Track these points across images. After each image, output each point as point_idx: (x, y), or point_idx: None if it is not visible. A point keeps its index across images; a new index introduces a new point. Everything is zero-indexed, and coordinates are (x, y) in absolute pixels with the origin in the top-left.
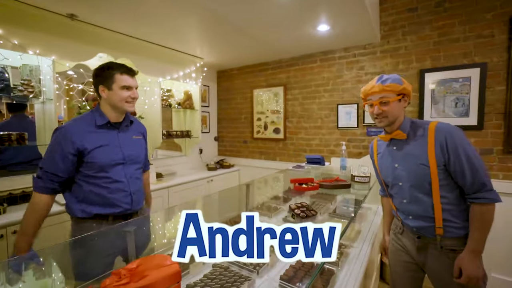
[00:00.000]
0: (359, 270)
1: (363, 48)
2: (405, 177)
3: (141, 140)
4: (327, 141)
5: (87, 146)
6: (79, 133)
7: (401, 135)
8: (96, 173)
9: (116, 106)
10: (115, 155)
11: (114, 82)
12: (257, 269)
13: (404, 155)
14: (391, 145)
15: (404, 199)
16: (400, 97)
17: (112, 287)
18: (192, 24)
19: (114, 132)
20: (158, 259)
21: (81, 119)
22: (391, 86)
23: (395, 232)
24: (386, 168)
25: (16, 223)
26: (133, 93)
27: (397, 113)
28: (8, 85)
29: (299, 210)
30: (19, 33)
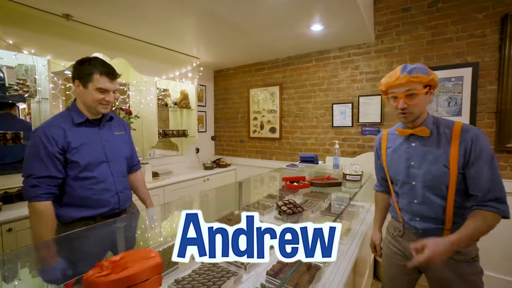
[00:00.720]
0: (346, 266)
1: (357, 47)
2: (420, 176)
3: (124, 136)
4: (322, 140)
5: (69, 144)
6: (59, 132)
7: (424, 132)
8: (81, 173)
9: (88, 106)
10: (98, 153)
11: (90, 81)
12: (244, 265)
13: (423, 154)
14: (409, 141)
15: (414, 200)
16: (427, 89)
17: (94, 278)
18: (188, 25)
19: (95, 130)
20: (142, 253)
21: (57, 118)
22: (418, 77)
23: (393, 235)
24: (399, 165)
25: (11, 221)
26: (108, 96)
27: (423, 108)
28: (3, 84)
29: (286, 207)
30: (14, 33)
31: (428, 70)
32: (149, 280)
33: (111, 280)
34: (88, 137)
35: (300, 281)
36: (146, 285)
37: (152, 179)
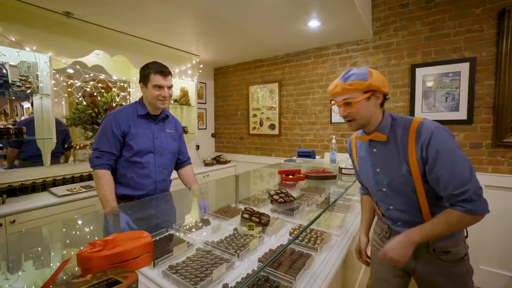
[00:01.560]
0: (337, 257)
1: (355, 44)
2: (387, 183)
3: (174, 134)
4: (321, 136)
5: (130, 130)
6: (125, 118)
7: (380, 137)
8: (131, 157)
9: (149, 102)
10: (149, 144)
11: (149, 81)
12: (238, 253)
13: (385, 159)
14: (371, 146)
15: (390, 206)
16: (369, 95)
17: (86, 254)
18: (187, 24)
19: (151, 124)
20: (134, 233)
21: (127, 108)
22: (353, 84)
23: (380, 236)
24: (367, 172)
25: (15, 213)
26: (163, 92)
27: (367, 114)
28: (6, 81)
29: (277, 196)
30: (16, 30)
31: (368, 74)
32: (139, 258)
33: (103, 256)
34: (144, 129)
35: (292, 268)
36: (136, 262)
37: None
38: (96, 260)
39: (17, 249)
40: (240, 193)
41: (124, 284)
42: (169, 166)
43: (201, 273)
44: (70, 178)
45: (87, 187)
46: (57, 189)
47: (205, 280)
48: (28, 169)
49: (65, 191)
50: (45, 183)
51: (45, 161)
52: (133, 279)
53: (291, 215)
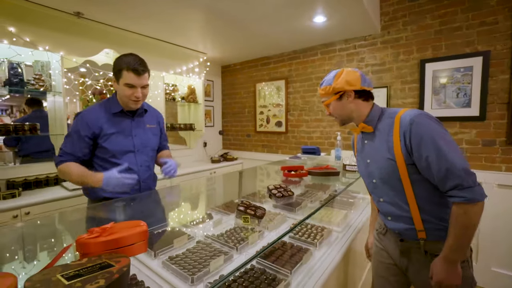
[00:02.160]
0: (336, 253)
1: (363, 39)
2: (376, 173)
3: (155, 129)
4: (328, 133)
5: (101, 131)
6: (95, 118)
7: (367, 128)
8: (109, 158)
9: (121, 101)
10: (126, 143)
11: (121, 77)
12: (236, 246)
13: (373, 149)
14: (363, 138)
15: (380, 198)
16: (338, 96)
17: (85, 239)
18: (194, 21)
19: (128, 121)
20: (132, 223)
21: (98, 106)
22: (324, 89)
23: (378, 231)
24: (361, 164)
25: (29, 205)
26: (136, 92)
27: (343, 112)
28: (22, 79)
29: (276, 190)
30: (30, 31)
31: (333, 79)
32: (134, 245)
33: (99, 242)
34: (120, 127)
35: (289, 262)
36: (131, 248)
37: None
38: (93, 246)
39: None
40: (245, 189)
41: (115, 267)
42: (152, 162)
43: (199, 264)
44: None
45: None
46: (68, 183)
47: (202, 271)
48: (42, 164)
49: (75, 185)
50: (58, 177)
51: None
52: (125, 263)
53: (293, 211)
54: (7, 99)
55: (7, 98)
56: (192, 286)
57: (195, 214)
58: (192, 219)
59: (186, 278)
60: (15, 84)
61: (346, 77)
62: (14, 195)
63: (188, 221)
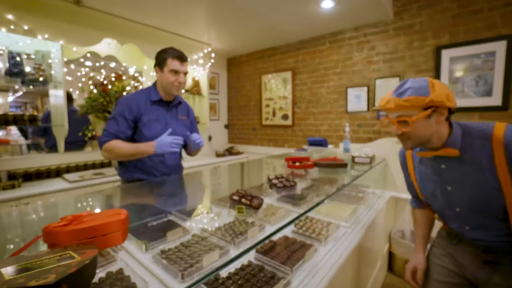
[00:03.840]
0: (344, 250)
1: (374, 26)
2: (463, 203)
3: (185, 121)
4: (336, 126)
5: (142, 116)
6: (137, 103)
7: (452, 153)
8: (145, 141)
9: (165, 88)
10: (161, 131)
11: (165, 66)
12: (234, 241)
13: (460, 177)
14: (437, 162)
15: (466, 226)
16: (430, 112)
17: (50, 228)
18: (198, 9)
19: (164, 110)
20: (111, 212)
21: (140, 93)
22: (410, 100)
23: (445, 241)
24: (433, 190)
25: (29, 196)
26: (179, 77)
27: (426, 133)
28: (22, 69)
29: (277, 180)
30: (29, 19)
31: (430, 87)
32: (109, 235)
33: (67, 231)
34: (157, 115)
35: (290, 259)
36: (106, 239)
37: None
38: (61, 235)
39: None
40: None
41: (75, 260)
42: (180, 151)
43: (192, 259)
44: (83, 165)
45: (98, 174)
46: (70, 175)
47: (194, 266)
48: (44, 155)
49: (76, 178)
50: (59, 169)
51: (59, 148)
52: (88, 256)
53: (298, 205)
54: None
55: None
56: (182, 282)
57: (194, 207)
58: (190, 212)
59: (176, 274)
60: (15, 74)
61: (443, 90)
62: (14, 186)
63: (186, 214)
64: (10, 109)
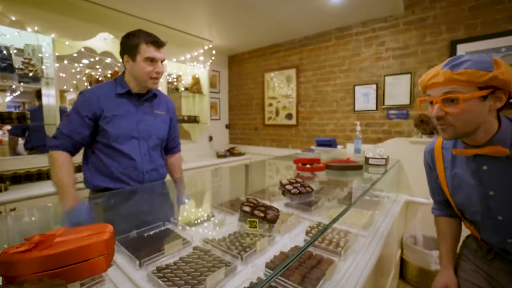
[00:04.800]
0: (366, 263)
1: (383, 21)
2: (509, 209)
3: (164, 116)
4: (342, 125)
5: (103, 112)
6: (98, 98)
7: (502, 152)
8: (110, 143)
9: (139, 81)
10: (130, 128)
11: (138, 53)
12: (241, 255)
13: (505, 179)
14: (477, 162)
15: (508, 238)
16: (487, 92)
17: (7, 255)
18: (199, 3)
19: (134, 104)
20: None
21: (101, 87)
22: (466, 73)
23: (478, 254)
24: (468, 193)
25: (16, 201)
26: (158, 67)
27: (476, 120)
28: (11, 64)
29: (291, 185)
30: (17, 9)
31: (493, 63)
32: (88, 262)
33: (31, 258)
34: (124, 110)
35: (308, 277)
36: (83, 267)
37: None
38: (21, 266)
39: None
40: (252, 186)
41: None
42: (159, 153)
43: (193, 279)
44: (76, 166)
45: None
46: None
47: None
48: (35, 156)
49: None
50: None
51: None
52: None
53: (309, 211)
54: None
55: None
56: None
57: (195, 213)
58: (190, 219)
59: None
60: (3, 69)
61: (507, 71)
62: (0, 189)
63: (186, 221)
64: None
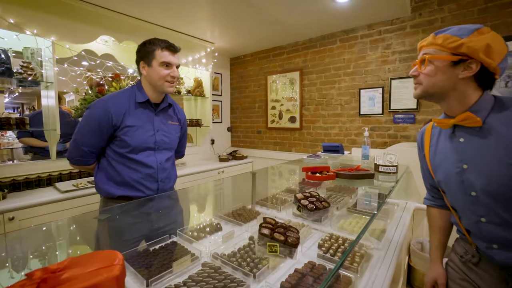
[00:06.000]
0: (384, 276)
1: (389, 23)
2: (480, 185)
3: (177, 127)
4: (347, 129)
5: (123, 123)
6: (118, 108)
7: (472, 121)
8: (127, 153)
9: (155, 85)
10: (148, 139)
11: (154, 58)
12: (254, 272)
13: (478, 151)
14: (455, 135)
15: (481, 217)
16: (457, 59)
17: None
18: (201, 5)
19: (151, 114)
20: (103, 257)
21: (121, 94)
22: (441, 38)
23: (463, 258)
24: (446, 168)
25: (14, 210)
26: (173, 71)
27: (442, 83)
28: (9, 68)
29: (306, 200)
30: (15, 11)
31: (470, 32)
32: None
33: None
34: (142, 120)
35: None
36: None
37: None
38: None
39: None
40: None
41: None
42: (172, 162)
43: None
44: (77, 172)
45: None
46: (62, 184)
47: None
48: (34, 162)
49: (70, 186)
50: (51, 177)
51: (51, 154)
52: None
53: (319, 221)
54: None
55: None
56: None
57: (201, 224)
58: (197, 231)
59: None
60: (1, 73)
61: (490, 41)
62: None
63: (193, 234)
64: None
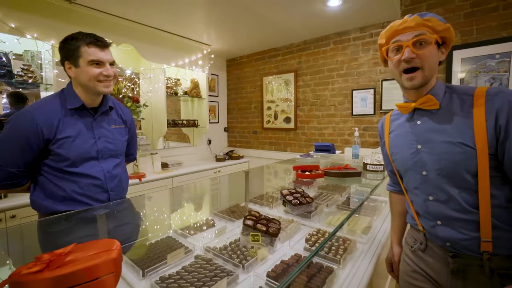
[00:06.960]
0: (365, 269)
1: (381, 26)
2: (431, 163)
3: (121, 130)
4: (340, 129)
5: (57, 135)
6: (47, 119)
7: (432, 103)
8: (66, 167)
9: (87, 87)
10: (88, 149)
11: (80, 57)
12: (243, 263)
13: (432, 132)
14: (413, 118)
15: (429, 196)
16: (440, 41)
17: (19, 276)
18: (198, 8)
19: (90, 120)
20: (103, 244)
21: (50, 102)
22: (432, 20)
23: (412, 248)
24: (402, 150)
25: (15, 208)
26: (105, 69)
27: (435, 66)
28: (10, 70)
29: (291, 196)
30: (16, 16)
31: (443, 20)
32: (97, 280)
33: (43, 279)
34: (79, 129)
35: (309, 286)
36: (90, 287)
37: (161, 169)
38: (33, 286)
39: None
40: (252, 191)
41: None
42: (122, 167)
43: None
44: None
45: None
46: None
47: None
48: None
49: None
50: None
51: None
52: None
53: (308, 217)
54: None
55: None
56: None
57: (195, 221)
58: (191, 227)
59: None
60: (2, 75)
61: (452, 30)
62: (0, 196)
63: (187, 229)
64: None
